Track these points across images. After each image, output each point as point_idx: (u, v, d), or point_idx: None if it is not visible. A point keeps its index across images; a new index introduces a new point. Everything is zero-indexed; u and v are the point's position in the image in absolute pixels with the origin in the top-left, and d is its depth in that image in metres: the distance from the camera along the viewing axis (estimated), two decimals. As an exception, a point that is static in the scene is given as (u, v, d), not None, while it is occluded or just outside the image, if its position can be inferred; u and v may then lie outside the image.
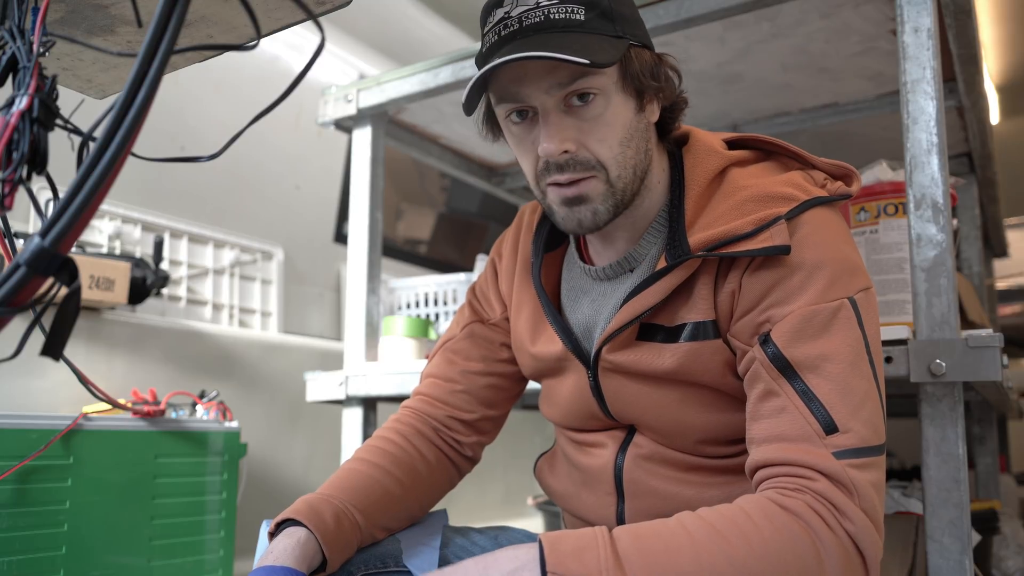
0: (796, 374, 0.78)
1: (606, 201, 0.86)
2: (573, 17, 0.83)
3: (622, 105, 0.86)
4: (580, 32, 0.83)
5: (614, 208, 0.87)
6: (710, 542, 0.69)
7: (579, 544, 0.70)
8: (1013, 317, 3.01)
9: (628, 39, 0.85)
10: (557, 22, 0.83)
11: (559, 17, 0.83)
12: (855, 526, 0.72)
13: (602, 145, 0.85)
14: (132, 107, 0.42)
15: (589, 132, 0.85)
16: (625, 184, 0.87)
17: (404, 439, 1.03)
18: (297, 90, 0.51)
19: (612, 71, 0.85)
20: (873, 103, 1.64)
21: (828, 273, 0.80)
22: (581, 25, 0.83)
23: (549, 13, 0.83)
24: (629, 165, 0.87)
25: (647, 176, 0.90)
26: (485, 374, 1.08)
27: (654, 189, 0.92)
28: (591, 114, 0.84)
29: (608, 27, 0.84)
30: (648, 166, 0.90)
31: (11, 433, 1.34)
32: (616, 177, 0.86)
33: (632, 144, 0.87)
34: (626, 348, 0.91)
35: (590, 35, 0.83)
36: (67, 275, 0.42)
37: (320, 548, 0.86)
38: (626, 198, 0.88)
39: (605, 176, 0.86)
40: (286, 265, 2.54)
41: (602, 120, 0.85)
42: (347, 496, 0.92)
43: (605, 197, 0.86)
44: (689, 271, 0.86)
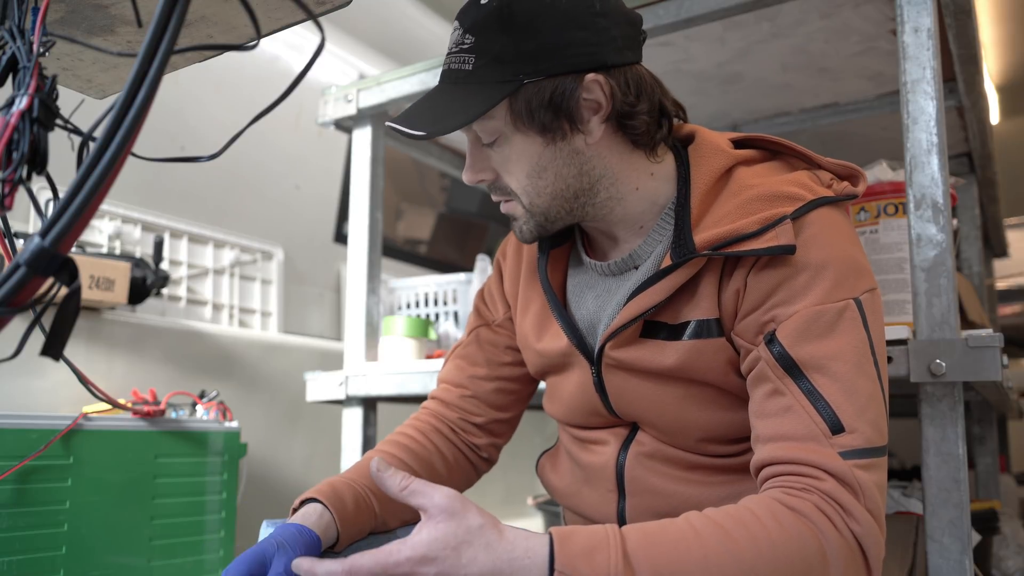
0: (802, 373, 0.78)
1: (528, 222, 0.92)
2: (463, 67, 0.87)
3: (523, 142, 0.88)
4: (464, 83, 0.86)
5: (537, 228, 0.93)
6: (718, 543, 0.69)
7: (590, 543, 0.69)
8: (1013, 317, 3.01)
9: (521, 79, 0.84)
10: (452, 73, 0.88)
11: (454, 68, 0.88)
12: (861, 527, 0.72)
13: (511, 178, 0.90)
14: (132, 107, 0.42)
15: (500, 166, 0.91)
16: (544, 209, 0.91)
17: (423, 436, 1.05)
18: (297, 90, 0.51)
19: (502, 114, 0.87)
20: (873, 103, 1.64)
21: (834, 273, 0.81)
22: (467, 76, 0.86)
23: (450, 63, 0.89)
24: (544, 193, 0.90)
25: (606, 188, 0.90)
26: (492, 378, 1.10)
27: (631, 196, 0.92)
28: (496, 152, 0.90)
29: (496, 72, 0.85)
30: (596, 182, 0.90)
31: (11, 433, 1.34)
32: (529, 204, 0.91)
33: (547, 174, 0.89)
34: (630, 345, 0.91)
35: (473, 86, 0.86)
36: (67, 275, 0.42)
37: (336, 527, 0.88)
38: (552, 218, 0.92)
39: (520, 202, 0.91)
40: (286, 265, 2.54)
41: (507, 157, 0.89)
42: (369, 483, 0.94)
43: (526, 218, 0.92)
44: (694, 269, 0.86)
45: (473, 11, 0.86)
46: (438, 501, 0.70)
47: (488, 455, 1.11)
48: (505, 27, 0.84)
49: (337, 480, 0.93)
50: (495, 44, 0.84)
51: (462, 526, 0.69)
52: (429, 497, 0.71)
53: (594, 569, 0.67)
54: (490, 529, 0.69)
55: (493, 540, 0.69)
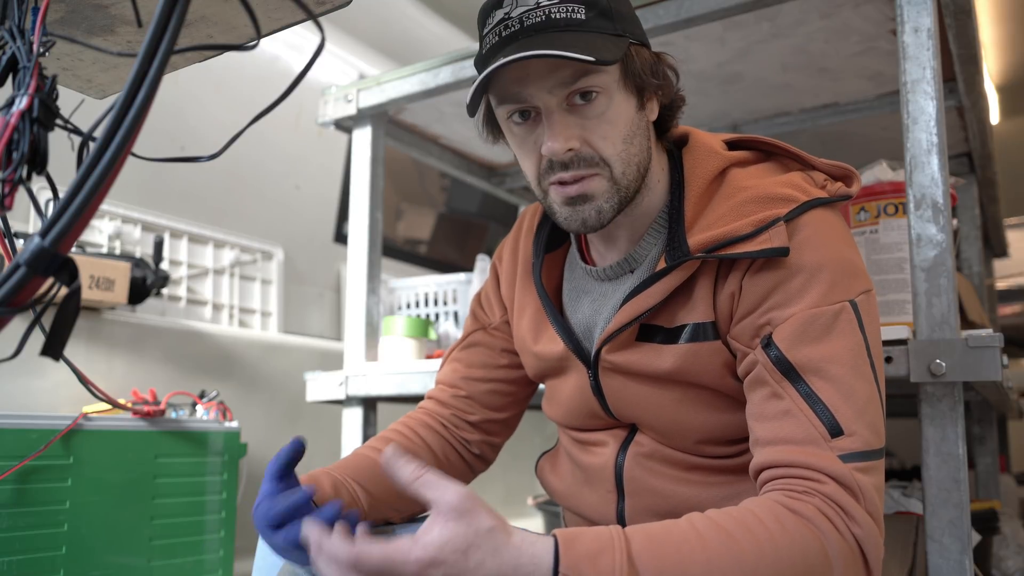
0: (800, 377, 0.78)
1: (611, 199, 0.86)
2: (574, 16, 0.83)
3: (624, 103, 0.86)
4: (582, 31, 0.83)
5: (618, 205, 0.87)
6: (721, 545, 0.69)
7: (595, 546, 0.68)
8: (1013, 317, 3.01)
9: (628, 37, 0.86)
10: (558, 22, 0.83)
11: (560, 17, 0.83)
12: (862, 529, 0.72)
13: (606, 142, 0.85)
14: (132, 107, 0.42)
15: (593, 130, 0.85)
16: (629, 181, 0.87)
17: (411, 431, 1.06)
18: (297, 90, 0.51)
19: (614, 69, 0.85)
20: (873, 103, 1.64)
21: (829, 276, 0.80)
22: (582, 24, 0.83)
23: (550, 13, 0.83)
24: (633, 162, 0.87)
25: (648, 174, 0.91)
26: (487, 380, 1.10)
27: (654, 189, 0.92)
28: (594, 112, 0.85)
29: (609, 26, 0.84)
30: (649, 163, 0.91)
31: (11, 433, 1.34)
32: (620, 174, 0.86)
33: (635, 141, 0.87)
34: (626, 349, 0.91)
35: (592, 34, 0.83)
36: (67, 275, 0.42)
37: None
38: (629, 194, 0.88)
39: (609, 173, 0.86)
40: (286, 265, 2.54)
41: (605, 118, 0.85)
42: (349, 473, 0.94)
43: (609, 194, 0.86)
44: (688, 272, 0.86)
45: None
46: (449, 499, 0.67)
47: (481, 452, 1.10)
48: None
49: (317, 471, 0.93)
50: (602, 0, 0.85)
51: (471, 528, 0.67)
52: (441, 493, 0.68)
53: (599, 572, 0.67)
54: (499, 532, 0.68)
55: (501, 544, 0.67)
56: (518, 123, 0.88)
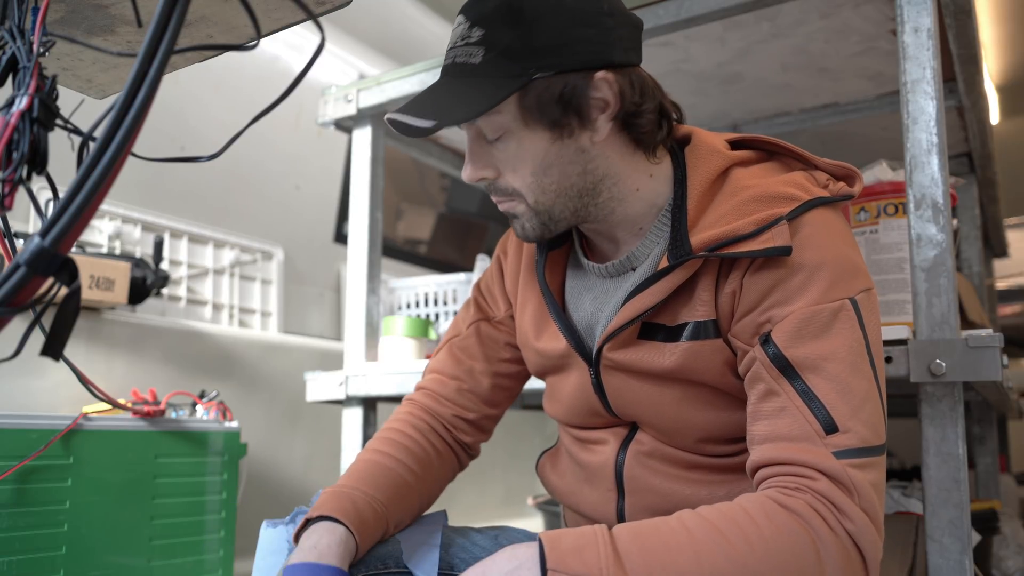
0: (796, 374, 0.78)
1: (531, 220, 0.91)
2: (470, 61, 0.85)
3: (529, 139, 0.87)
4: (471, 77, 0.85)
5: (541, 227, 0.91)
6: (710, 540, 0.70)
7: (579, 542, 0.70)
8: (1013, 317, 3.01)
9: (531, 74, 0.83)
10: (457, 67, 0.86)
11: (460, 62, 0.86)
12: (855, 526, 0.72)
13: (515, 175, 0.89)
14: (132, 107, 0.42)
15: (503, 163, 0.89)
16: (548, 207, 0.89)
17: (419, 433, 1.05)
18: (297, 90, 0.51)
19: (511, 108, 0.85)
20: (873, 103, 1.64)
21: (829, 274, 0.80)
22: (474, 70, 0.85)
23: (455, 57, 0.87)
24: (549, 191, 0.88)
25: (608, 189, 0.90)
26: (489, 374, 1.09)
27: (631, 196, 0.91)
28: (501, 149, 0.88)
29: (504, 67, 0.83)
30: (599, 182, 0.89)
31: (11, 433, 1.34)
32: (535, 202, 0.89)
33: (552, 171, 0.88)
34: (627, 347, 0.91)
35: (482, 78, 0.84)
36: (67, 275, 0.42)
37: (356, 548, 0.88)
38: (556, 218, 0.90)
39: (523, 201, 0.90)
40: (286, 265, 2.54)
41: (511, 153, 0.88)
42: (380, 495, 0.94)
43: (529, 216, 0.91)
44: (691, 271, 0.86)
45: (480, 5, 0.86)
46: None
47: (474, 452, 1.12)
48: (515, 21, 0.83)
49: (356, 495, 0.91)
50: (504, 38, 0.83)
51: None
52: None
53: (585, 565, 0.68)
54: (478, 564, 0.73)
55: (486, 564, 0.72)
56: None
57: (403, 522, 0.98)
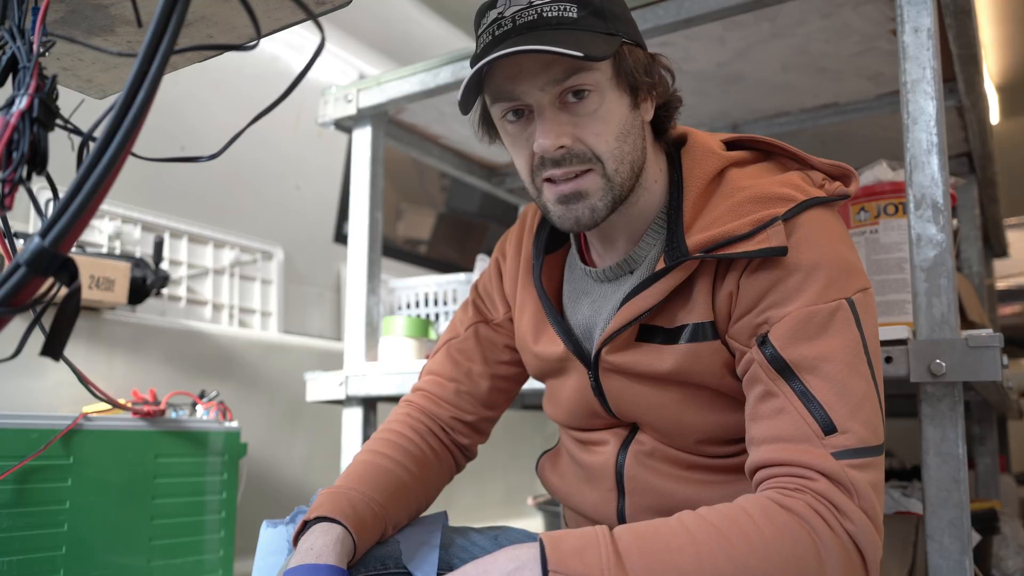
0: (794, 375, 0.78)
1: (604, 196, 0.87)
2: (566, 15, 0.83)
3: (617, 101, 0.87)
4: (573, 29, 0.83)
5: (612, 203, 0.87)
6: (711, 541, 0.70)
7: (580, 543, 0.70)
8: (1013, 317, 3.01)
9: (621, 36, 0.86)
10: (550, 20, 0.83)
11: (552, 15, 0.83)
12: (855, 526, 0.72)
13: (598, 139, 0.85)
14: (132, 107, 0.42)
15: (585, 127, 0.85)
16: (623, 179, 0.87)
17: (416, 434, 1.05)
18: (297, 90, 0.51)
19: (606, 68, 0.85)
20: (873, 103, 1.64)
21: (825, 274, 0.80)
22: (574, 23, 0.83)
23: (542, 12, 0.84)
24: (626, 160, 0.87)
25: (643, 174, 0.91)
26: (487, 376, 1.09)
27: (651, 189, 0.92)
28: (586, 110, 0.85)
29: (601, 24, 0.85)
30: (644, 163, 0.90)
31: (11, 433, 1.34)
32: (613, 171, 0.86)
33: (628, 140, 0.87)
34: (626, 349, 0.91)
35: (583, 32, 0.83)
36: (67, 275, 0.42)
37: (354, 548, 0.87)
38: (623, 193, 0.88)
39: (602, 170, 0.86)
40: (286, 265, 2.54)
41: (597, 115, 0.85)
42: (378, 495, 0.94)
43: (604, 192, 0.86)
44: (687, 272, 0.86)
45: None
46: None
47: (471, 454, 1.12)
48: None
49: (354, 495, 0.91)
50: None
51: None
52: None
53: (586, 566, 0.67)
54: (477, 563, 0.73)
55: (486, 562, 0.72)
56: (512, 121, 0.88)
57: (401, 522, 0.98)
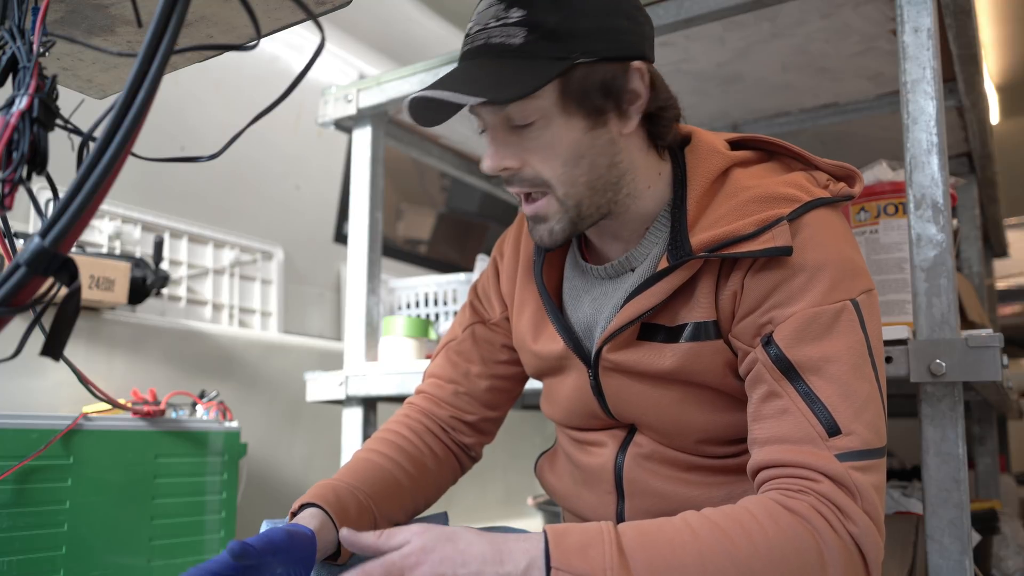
0: (799, 376, 0.78)
1: (561, 219, 0.87)
2: (510, 41, 0.82)
3: (564, 126, 0.84)
4: (511, 58, 0.82)
5: (570, 225, 0.88)
6: (714, 541, 0.69)
7: (584, 539, 0.69)
8: (1013, 317, 3.01)
9: (575, 58, 0.82)
10: (493, 47, 0.83)
11: (496, 42, 0.82)
12: (858, 528, 0.72)
13: (545, 165, 0.85)
14: (132, 107, 0.42)
15: (532, 152, 0.85)
16: (577, 201, 0.87)
17: (414, 434, 1.05)
18: (297, 90, 0.51)
19: (550, 94, 0.83)
20: (873, 103, 1.64)
21: (830, 275, 0.80)
22: (515, 50, 0.81)
23: (490, 37, 0.83)
24: (579, 183, 0.86)
25: (627, 184, 0.89)
26: (486, 376, 1.09)
27: (644, 194, 0.91)
28: (531, 136, 0.85)
29: (548, 48, 0.81)
30: (622, 176, 0.89)
31: (11, 433, 1.34)
32: (564, 195, 0.86)
33: (583, 162, 0.86)
34: (627, 348, 0.91)
35: (522, 60, 0.81)
36: (67, 275, 0.42)
37: (335, 531, 0.88)
38: (584, 213, 0.88)
39: (553, 194, 0.87)
40: (286, 265, 2.54)
41: (543, 142, 0.85)
42: (365, 487, 0.94)
43: (559, 216, 0.87)
44: (691, 272, 0.86)
45: None
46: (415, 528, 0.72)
47: (475, 453, 1.12)
48: (558, 3, 0.82)
49: (339, 485, 0.93)
50: (549, 19, 0.81)
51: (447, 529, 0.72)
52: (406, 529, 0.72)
53: (590, 564, 0.67)
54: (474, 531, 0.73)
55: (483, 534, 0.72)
56: (480, 132, 0.90)
57: (396, 519, 0.98)
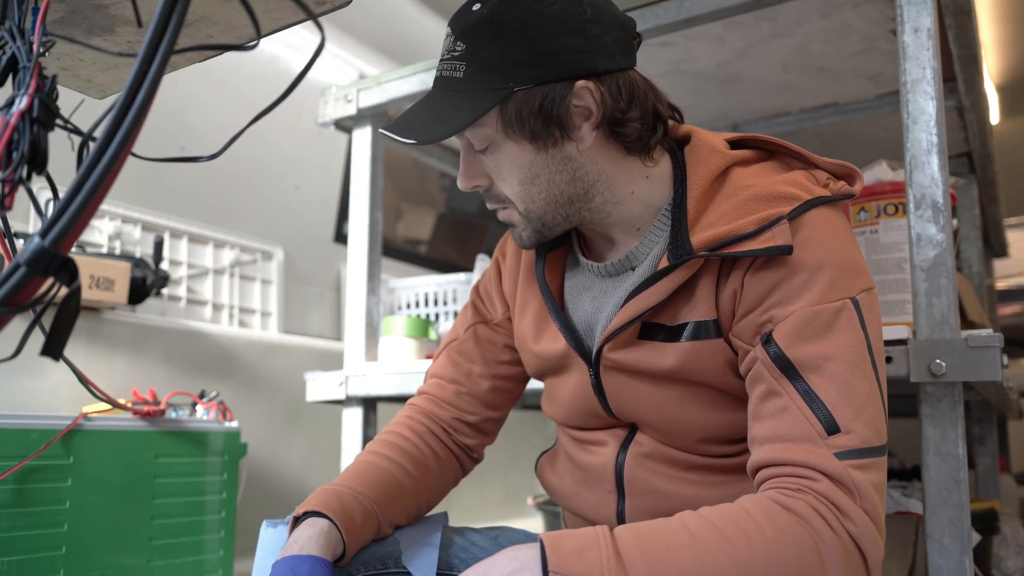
0: (798, 374, 0.78)
1: (526, 228, 0.93)
2: (454, 75, 0.87)
3: (514, 149, 0.88)
4: (455, 91, 0.87)
5: (536, 234, 0.93)
6: (712, 541, 0.69)
7: (580, 543, 0.70)
8: (1013, 317, 3.01)
9: (512, 87, 0.84)
10: (443, 81, 0.88)
11: (446, 75, 0.88)
12: (857, 527, 0.72)
13: (504, 185, 0.91)
14: (132, 107, 0.42)
15: (494, 173, 0.91)
16: (540, 215, 0.91)
17: (416, 436, 1.05)
18: (297, 90, 0.51)
19: (493, 121, 0.87)
20: (873, 103, 1.64)
21: (830, 273, 0.80)
22: (458, 84, 0.86)
23: (442, 71, 0.89)
24: (539, 199, 0.90)
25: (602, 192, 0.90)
26: (488, 376, 1.09)
27: (627, 199, 0.91)
28: (489, 159, 0.90)
29: (487, 79, 0.85)
30: (590, 187, 0.90)
31: (11, 433, 1.34)
32: (525, 211, 0.91)
33: (539, 180, 0.89)
34: (628, 347, 0.91)
35: (463, 93, 0.86)
36: (67, 275, 0.42)
37: (342, 540, 0.88)
38: (548, 223, 0.92)
39: (516, 209, 0.92)
40: (286, 265, 2.54)
41: (498, 163, 0.90)
42: (369, 491, 0.95)
43: (524, 225, 0.93)
44: (691, 271, 0.86)
45: (464, 18, 0.86)
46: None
47: (477, 455, 1.12)
48: (495, 34, 0.84)
49: (343, 490, 0.92)
50: (485, 51, 0.85)
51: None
52: None
53: (587, 567, 0.67)
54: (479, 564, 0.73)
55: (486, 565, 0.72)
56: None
57: (399, 522, 0.99)
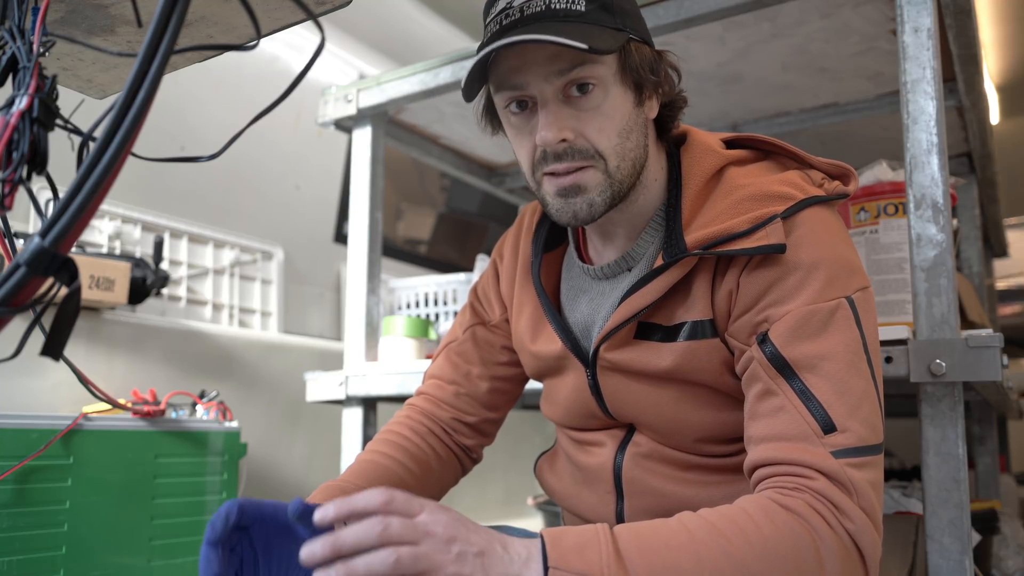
0: (794, 373, 0.78)
1: (603, 192, 0.86)
2: (574, 8, 0.84)
3: (621, 97, 0.86)
4: (581, 22, 0.83)
5: (610, 200, 0.87)
6: (711, 540, 0.70)
7: (581, 540, 0.70)
8: (1013, 317, 3.01)
9: (628, 32, 0.86)
10: (558, 12, 0.83)
11: (560, 7, 0.84)
12: (855, 525, 0.72)
13: (601, 135, 0.85)
14: (132, 107, 0.42)
15: (588, 122, 0.85)
16: (624, 175, 0.87)
17: (417, 435, 1.06)
18: (297, 90, 0.51)
19: (611, 63, 0.85)
20: (873, 103, 1.64)
21: (825, 273, 0.81)
22: (582, 16, 0.84)
23: (551, 3, 0.84)
24: (628, 157, 0.87)
25: (644, 171, 0.91)
26: (487, 378, 1.09)
27: (651, 187, 0.92)
28: (590, 104, 0.85)
29: (608, 19, 0.85)
30: (645, 161, 0.91)
31: (11, 433, 1.34)
32: (615, 168, 0.86)
33: (631, 136, 0.87)
34: (624, 347, 0.91)
35: (591, 25, 0.83)
36: (67, 275, 0.42)
37: None
38: (623, 190, 0.88)
39: (604, 166, 0.86)
40: (286, 265, 2.54)
41: (601, 110, 0.85)
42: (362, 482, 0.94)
43: (603, 188, 0.86)
44: (686, 269, 0.86)
45: None
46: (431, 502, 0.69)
47: (476, 455, 1.13)
48: None
49: (346, 486, 0.93)
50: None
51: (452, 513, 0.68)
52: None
53: (587, 564, 0.67)
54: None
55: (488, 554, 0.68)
56: (515, 112, 0.88)
57: None
